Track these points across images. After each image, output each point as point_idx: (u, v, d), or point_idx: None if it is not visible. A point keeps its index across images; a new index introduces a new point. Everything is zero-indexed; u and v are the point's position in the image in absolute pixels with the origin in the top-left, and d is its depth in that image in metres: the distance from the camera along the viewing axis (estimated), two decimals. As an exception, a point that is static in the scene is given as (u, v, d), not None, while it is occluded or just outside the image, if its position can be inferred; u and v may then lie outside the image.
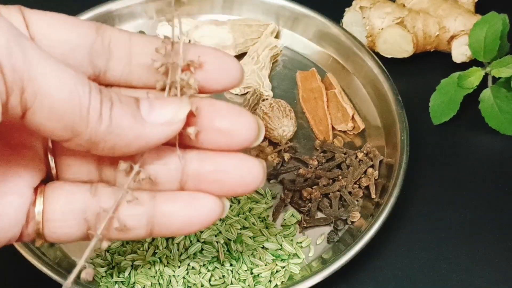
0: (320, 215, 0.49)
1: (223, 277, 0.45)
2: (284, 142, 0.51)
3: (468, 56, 0.56)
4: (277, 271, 0.45)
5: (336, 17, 0.57)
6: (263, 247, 0.46)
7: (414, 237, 0.49)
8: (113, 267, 0.45)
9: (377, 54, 0.56)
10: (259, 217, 0.48)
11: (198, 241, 0.45)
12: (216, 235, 0.46)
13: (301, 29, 0.58)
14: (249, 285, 0.44)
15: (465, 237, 0.49)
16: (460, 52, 0.56)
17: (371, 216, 0.47)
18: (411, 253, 0.48)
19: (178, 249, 0.45)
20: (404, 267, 0.47)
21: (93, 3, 0.56)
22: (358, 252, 0.44)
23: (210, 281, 0.44)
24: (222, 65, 0.32)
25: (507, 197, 0.51)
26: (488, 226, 0.49)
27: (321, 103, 0.54)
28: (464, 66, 0.55)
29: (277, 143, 0.51)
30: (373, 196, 0.49)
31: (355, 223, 0.48)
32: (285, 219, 0.48)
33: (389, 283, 0.47)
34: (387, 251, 0.48)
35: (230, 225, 0.46)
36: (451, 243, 0.49)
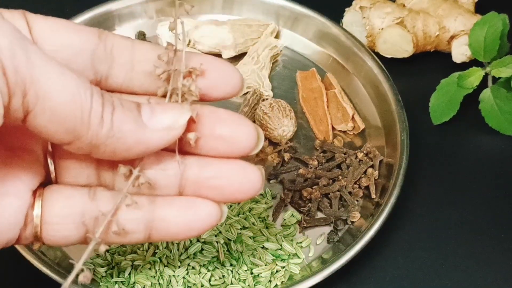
0: (320, 215, 0.49)
1: (223, 277, 0.45)
2: (284, 142, 0.51)
3: (468, 56, 0.56)
4: (277, 271, 0.45)
5: (336, 17, 0.57)
6: (263, 247, 0.46)
7: (414, 237, 0.49)
8: (113, 267, 0.45)
9: (377, 54, 0.56)
10: (259, 217, 0.48)
11: (198, 241, 0.45)
12: (216, 235, 0.46)
13: (301, 29, 0.58)
14: (249, 285, 0.44)
15: (465, 237, 0.49)
16: (460, 52, 0.56)
17: (371, 216, 0.47)
18: (411, 253, 0.48)
19: (178, 249, 0.45)
20: (404, 267, 0.47)
21: (93, 3, 0.56)
22: (358, 252, 0.44)
23: (210, 281, 0.44)
24: (223, 73, 0.32)
25: (507, 197, 0.51)
26: (488, 226, 0.49)
27: (321, 103, 0.54)
28: (464, 66, 0.55)
29: (277, 143, 0.51)
30: (373, 196, 0.49)
31: (355, 223, 0.48)
32: (285, 219, 0.48)
33: (389, 283, 0.47)
34: (387, 251, 0.48)
35: (230, 225, 0.46)
36: (451, 243, 0.49)
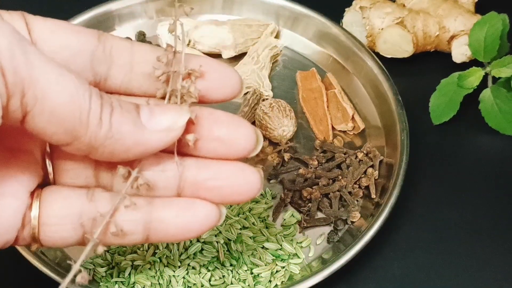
0: (320, 215, 0.49)
1: (223, 277, 0.45)
2: (284, 142, 0.51)
3: (468, 56, 0.56)
4: (277, 271, 0.45)
5: (336, 17, 0.57)
6: (263, 247, 0.46)
7: (414, 237, 0.49)
8: (113, 267, 0.45)
9: (377, 54, 0.56)
10: (259, 217, 0.48)
11: (198, 241, 0.45)
12: (216, 235, 0.46)
13: (301, 29, 0.58)
14: (249, 285, 0.44)
15: (465, 237, 0.49)
16: (460, 52, 0.56)
17: (371, 216, 0.47)
18: (411, 253, 0.48)
19: (178, 249, 0.45)
20: (404, 267, 0.47)
21: (93, 3, 0.56)
22: (358, 252, 0.44)
23: (210, 281, 0.44)
24: (222, 75, 0.32)
25: (507, 197, 0.51)
26: (488, 226, 0.49)
27: (321, 103, 0.54)
28: (464, 66, 0.55)
29: (277, 143, 0.51)
30: (373, 196, 0.49)
31: (355, 223, 0.48)
32: (285, 219, 0.48)
33: (389, 283, 0.47)
34: (387, 251, 0.48)
35: (230, 225, 0.46)
36: (451, 243, 0.49)
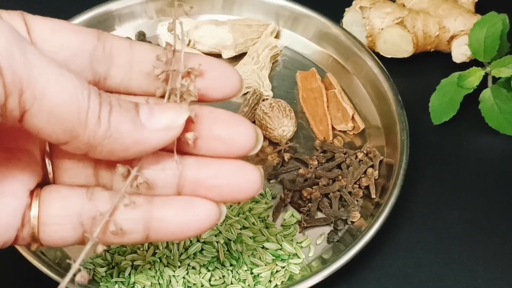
0: (320, 215, 0.49)
1: (223, 277, 0.45)
2: (284, 142, 0.51)
3: (468, 56, 0.56)
4: (277, 271, 0.45)
5: (336, 17, 0.57)
6: (263, 247, 0.46)
7: (414, 237, 0.49)
8: (113, 267, 0.45)
9: (377, 54, 0.56)
10: (259, 217, 0.48)
11: (198, 241, 0.45)
12: (216, 235, 0.46)
13: (301, 29, 0.58)
14: (249, 285, 0.44)
15: (465, 237, 0.49)
16: (460, 52, 0.56)
17: (371, 216, 0.47)
18: (411, 253, 0.48)
19: (178, 249, 0.45)
20: (404, 267, 0.47)
21: (93, 3, 0.56)
22: (358, 252, 0.44)
23: (210, 281, 0.44)
24: (221, 74, 0.32)
25: (507, 197, 0.51)
26: (488, 226, 0.49)
27: (321, 103, 0.54)
28: (464, 66, 0.55)
29: (277, 143, 0.51)
30: (373, 196, 0.49)
31: (355, 223, 0.48)
32: (285, 219, 0.48)
33: (389, 283, 0.47)
34: (387, 251, 0.48)
35: (230, 225, 0.46)
36: (451, 243, 0.49)
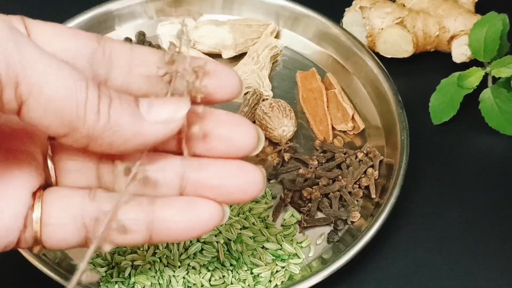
0: (320, 215, 0.49)
1: (223, 277, 0.45)
2: (284, 142, 0.51)
3: (468, 56, 0.56)
4: (277, 271, 0.45)
5: (336, 17, 0.57)
6: (263, 247, 0.46)
7: (414, 237, 0.49)
8: (113, 267, 0.45)
9: (377, 54, 0.56)
10: (259, 217, 0.48)
11: (198, 241, 0.45)
12: (216, 235, 0.46)
13: (301, 29, 0.58)
14: (249, 285, 0.44)
15: (465, 237, 0.49)
16: (460, 52, 0.56)
17: (371, 216, 0.47)
18: (411, 253, 0.48)
19: (178, 249, 0.45)
20: (404, 267, 0.47)
21: (93, 3, 0.56)
22: (358, 252, 0.44)
23: (210, 281, 0.44)
24: (221, 76, 0.32)
25: (508, 197, 0.51)
26: (488, 226, 0.49)
27: (321, 103, 0.54)
28: (464, 66, 0.55)
29: (277, 143, 0.51)
30: (373, 196, 0.49)
31: (355, 223, 0.48)
32: (285, 219, 0.48)
33: (389, 283, 0.47)
34: (387, 251, 0.48)
35: (230, 225, 0.46)
36: (451, 243, 0.49)
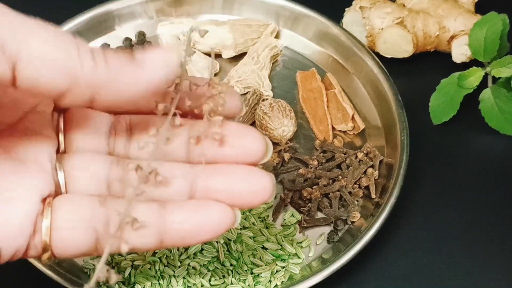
0: (320, 215, 0.49)
1: (223, 277, 0.45)
2: (284, 142, 0.51)
3: (468, 56, 0.56)
4: (277, 271, 0.45)
5: (336, 17, 0.57)
6: (263, 247, 0.46)
7: (414, 237, 0.49)
8: (113, 267, 0.45)
9: (377, 54, 0.56)
10: (259, 217, 0.48)
11: (198, 241, 0.45)
12: (216, 235, 0.46)
13: (301, 29, 0.58)
14: (249, 285, 0.44)
15: (465, 237, 0.49)
16: (460, 52, 0.56)
17: (371, 216, 0.47)
18: (411, 253, 0.48)
19: (178, 249, 0.45)
20: (404, 267, 0.47)
21: (93, 3, 0.56)
22: (358, 252, 0.44)
23: (210, 281, 0.44)
24: (228, 97, 0.33)
25: (507, 197, 0.51)
26: (488, 226, 0.49)
27: (321, 103, 0.54)
28: (464, 66, 0.55)
29: (277, 143, 0.51)
30: (373, 196, 0.49)
31: (355, 223, 0.48)
32: (285, 219, 0.48)
33: (389, 283, 0.47)
34: (387, 251, 0.48)
35: (230, 225, 0.46)
36: (451, 243, 0.49)
